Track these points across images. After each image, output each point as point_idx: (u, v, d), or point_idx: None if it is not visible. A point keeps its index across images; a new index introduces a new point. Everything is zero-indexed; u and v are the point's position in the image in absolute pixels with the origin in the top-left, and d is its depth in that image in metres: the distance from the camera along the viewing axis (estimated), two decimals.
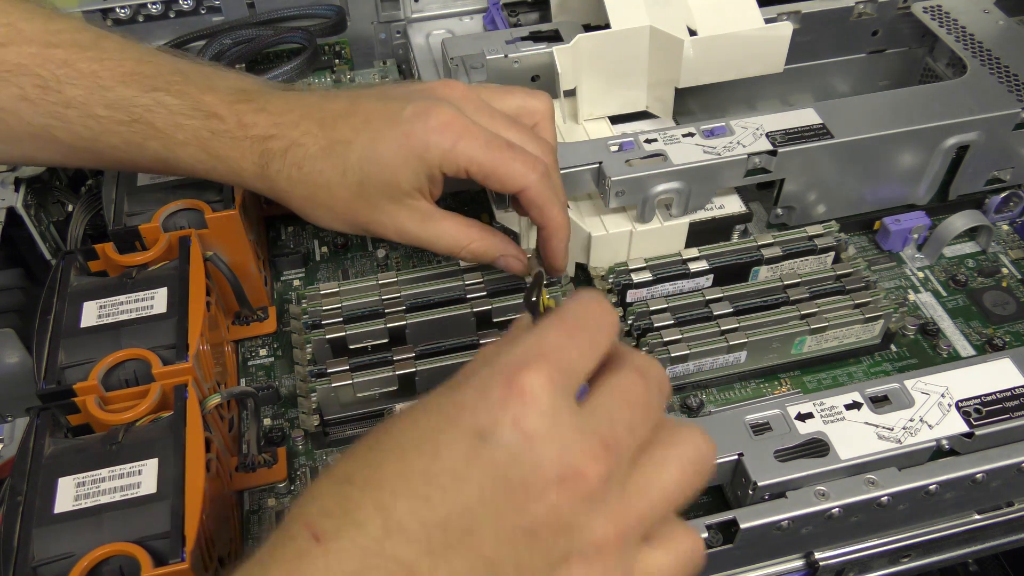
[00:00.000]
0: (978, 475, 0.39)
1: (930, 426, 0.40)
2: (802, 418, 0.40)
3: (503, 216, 0.52)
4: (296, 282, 0.57)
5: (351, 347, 0.47)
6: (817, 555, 0.41)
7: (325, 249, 0.59)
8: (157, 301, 0.44)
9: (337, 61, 0.70)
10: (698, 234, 0.53)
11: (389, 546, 0.25)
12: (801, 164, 0.53)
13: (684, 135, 0.52)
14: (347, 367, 0.45)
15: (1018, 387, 0.41)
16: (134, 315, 0.43)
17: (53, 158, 0.46)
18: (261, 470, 0.46)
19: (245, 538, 0.44)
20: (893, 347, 0.51)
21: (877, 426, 0.40)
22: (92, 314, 0.43)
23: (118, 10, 0.64)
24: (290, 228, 0.61)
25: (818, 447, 0.39)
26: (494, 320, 0.48)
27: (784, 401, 0.41)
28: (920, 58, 0.67)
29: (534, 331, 0.29)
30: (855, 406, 0.41)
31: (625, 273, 0.51)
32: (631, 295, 0.51)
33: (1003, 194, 0.58)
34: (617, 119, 0.61)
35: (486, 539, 0.26)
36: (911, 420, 0.40)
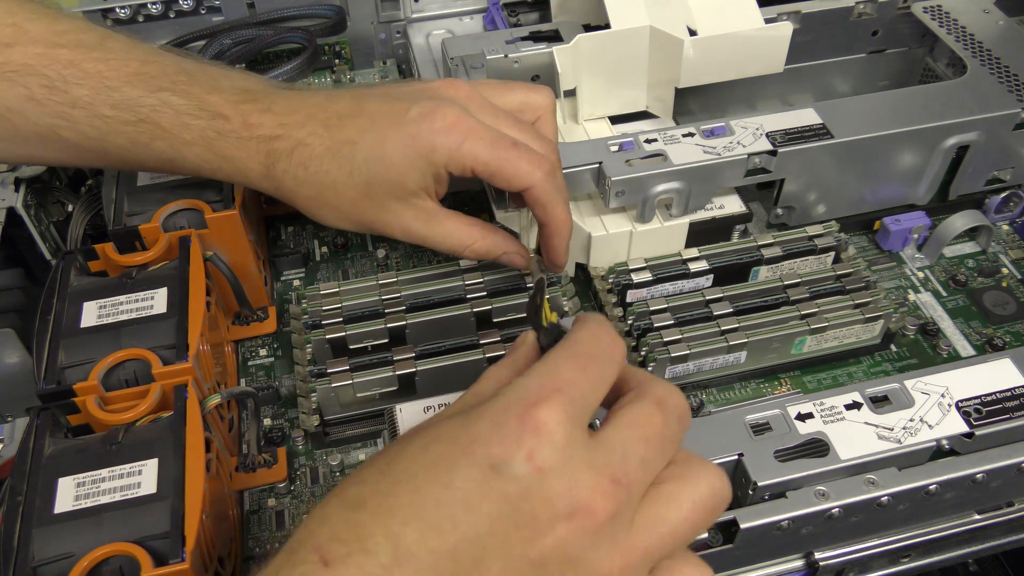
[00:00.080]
0: (978, 475, 0.39)
1: (930, 426, 0.40)
2: (802, 418, 0.40)
3: (503, 216, 0.52)
4: (296, 282, 0.57)
5: (351, 347, 0.47)
6: (817, 555, 0.41)
7: (325, 249, 0.59)
8: (157, 301, 0.44)
9: (337, 61, 0.70)
10: (698, 234, 0.53)
11: (398, 574, 0.25)
12: (801, 164, 0.53)
13: (684, 135, 0.52)
14: (347, 367, 0.45)
15: (1018, 387, 0.41)
16: (134, 315, 0.43)
17: (59, 158, 0.46)
18: (261, 470, 0.46)
19: (245, 538, 0.44)
20: (893, 347, 0.51)
21: (877, 426, 0.40)
22: (92, 314, 0.43)
23: (118, 10, 0.64)
24: (290, 228, 0.61)
25: (818, 447, 0.39)
26: (494, 320, 0.48)
27: (784, 401, 0.41)
28: (920, 58, 0.67)
29: (547, 362, 0.29)
30: (855, 406, 0.41)
31: (625, 273, 0.51)
32: (631, 295, 0.51)
33: (1003, 194, 0.58)
34: (617, 119, 0.61)
35: (494, 570, 0.26)
36: (911, 420, 0.40)
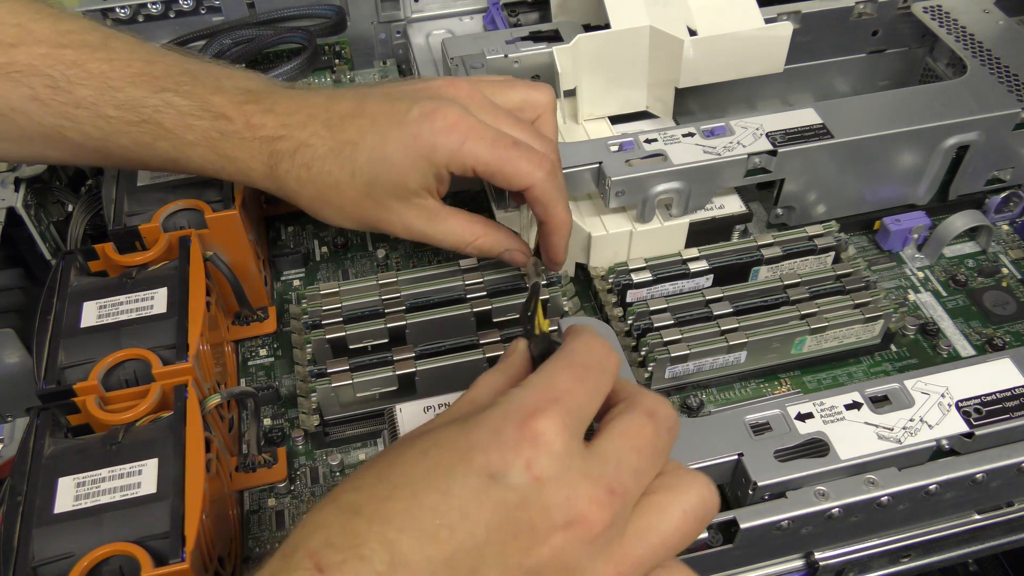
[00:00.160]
0: (978, 475, 0.39)
1: (930, 426, 0.40)
2: (802, 418, 0.40)
3: (503, 216, 0.52)
4: (296, 282, 0.57)
5: (351, 347, 0.47)
6: (817, 555, 0.41)
7: (325, 249, 0.59)
8: (157, 301, 0.44)
9: (337, 61, 0.70)
10: (698, 234, 0.53)
11: None
12: (801, 164, 0.52)
13: (684, 135, 0.52)
14: (347, 367, 0.45)
15: (1018, 387, 0.41)
16: (134, 315, 0.43)
17: (63, 157, 0.46)
18: (261, 470, 0.46)
19: (245, 538, 0.44)
20: (893, 347, 0.51)
21: (877, 426, 0.40)
22: (92, 314, 0.43)
23: (118, 10, 0.64)
24: (290, 228, 0.61)
25: (818, 447, 0.39)
26: (494, 320, 0.48)
27: (784, 401, 0.41)
28: (920, 58, 0.67)
29: (544, 373, 0.30)
30: (855, 406, 0.41)
31: (625, 273, 0.51)
32: (631, 295, 0.51)
33: (1003, 194, 0.58)
34: (617, 119, 0.61)
35: None
36: (911, 420, 0.40)
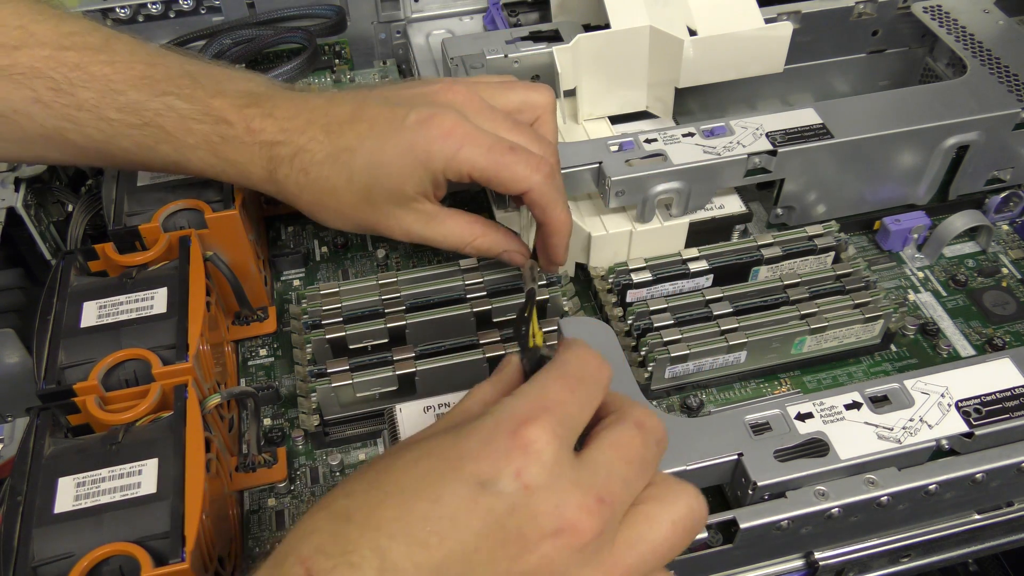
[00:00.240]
0: (978, 475, 0.39)
1: (930, 426, 0.40)
2: (802, 418, 0.40)
3: (503, 216, 0.52)
4: (296, 282, 0.57)
5: (351, 347, 0.47)
6: (817, 555, 0.41)
7: (325, 249, 0.59)
8: (157, 301, 0.44)
9: (337, 61, 0.70)
10: (698, 234, 0.53)
11: None
12: (801, 164, 0.52)
13: (684, 135, 0.52)
14: (347, 367, 0.45)
15: (1018, 387, 0.41)
16: (134, 315, 0.43)
17: (64, 158, 0.46)
18: (261, 470, 0.46)
19: (245, 538, 0.44)
20: (893, 347, 0.51)
21: (877, 426, 0.40)
22: (92, 314, 0.43)
23: (118, 10, 0.64)
24: (290, 228, 0.61)
25: (818, 447, 0.39)
26: (494, 320, 0.48)
27: (784, 401, 0.41)
28: (920, 58, 0.67)
29: (536, 383, 0.30)
30: (855, 406, 0.41)
31: (625, 273, 0.51)
32: (631, 295, 0.51)
33: (1003, 194, 0.58)
34: (617, 119, 0.61)
35: None
36: (911, 420, 0.40)
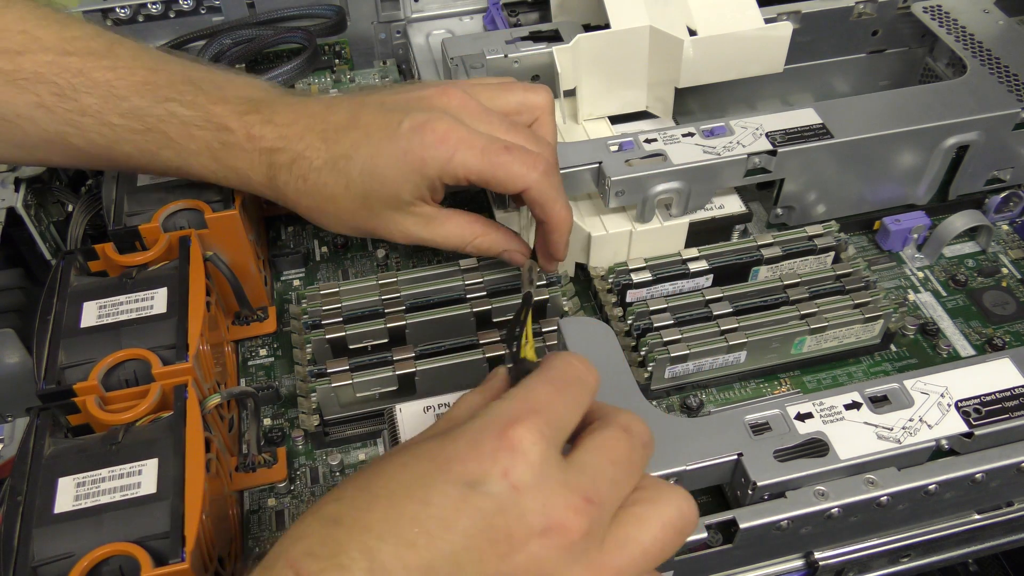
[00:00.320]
0: (978, 475, 0.39)
1: (930, 426, 0.40)
2: (802, 418, 0.40)
3: (503, 216, 0.52)
4: (296, 282, 0.57)
5: (351, 347, 0.47)
6: (817, 555, 0.41)
7: (325, 249, 0.59)
8: (157, 301, 0.44)
9: (337, 61, 0.70)
10: (698, 234, 0.53)
11: None
12: (801, 164, 0.52)
13: (684, 135, 0.52)
14: (347, 367, 0.45)
15: (1018, 387, 0.41)
16: (134, 315, 0.43)
17: (66, 161, 0.47)
18: (261, 470, 0.46)
19: (245, 538, 0.44)
20: (893, 347, 0.51)
21: (877, 426, 0.40)
22: (92, 314, 0.43)
23: (118, 10, 0.64)
24: (290, 228, 0.61)
25: (818, 447, 0.39)
26: (494, 320, 0.48)
27: (784, 401, 0.41)
28: (920, 58, 0.67)
29: (523, 386, 0.30)
30: (855, 406, 0.40)
31: (625, 273, 0.51)
32: (631, 295, 0.51)
33: (1003, 194, 0.58)
34: (617, 119, 0.61)
35: None
36: (911, 420, 0.40)
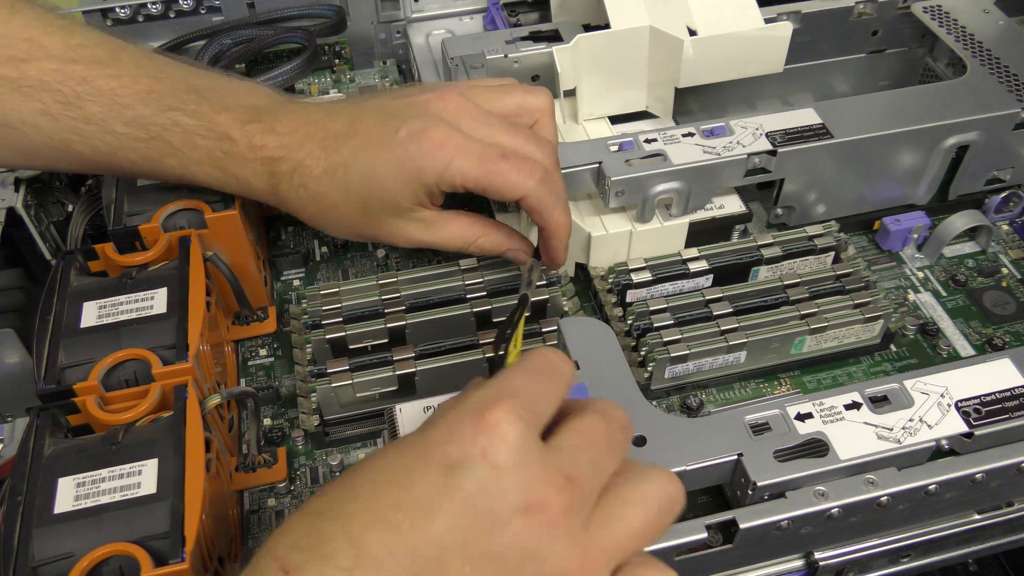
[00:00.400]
0: (978, 475, 0.39)
1: (930, 426, 0.40)
2: (802, 418, 0.40)
3: (504, 218, 0.52)
4: (296, 282, 0.57)
5: (351, 347, 0.47)
6: (817, 555, 0.41)
7: (325, 249, 0.59)
8: (157, 301, 0.44)
9: (337, 61, 0.70)
10: (698, 234, 0.53)
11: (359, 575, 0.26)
12: (801, 164, 0.52)
13: (684, 135, 0.52)
14: (347, 367, 0.45)
15: (1018, 387, 0.41)
16: (134, 315, 0.43)
17: (70, 168, 0.47)
18: (261, 470, 0.46)
19: (245, 538, 0.44)
20: (893, 347, 0.51)
21: (877, 426, 0.40)
22: (92, 314, 0.43)
23: (118, 10, 0.64)
24: (290, 228, 0.61)
25: (818, 447, 0.39)
26: (494, 320, 0.48)
27: (784, 401, 0.41)
28: (920, 58, 0.67)
29: (500, 376, 0.30)
30: (855, 406, 0.41)
31: (625, 273, 0.51)
32: (631, 295, 0.51)
33: (1003, 194, 0.58)
34: (617, 119, 0.61)
35: (454, 567, 0.27)
36: (911, 420, 0.40)
